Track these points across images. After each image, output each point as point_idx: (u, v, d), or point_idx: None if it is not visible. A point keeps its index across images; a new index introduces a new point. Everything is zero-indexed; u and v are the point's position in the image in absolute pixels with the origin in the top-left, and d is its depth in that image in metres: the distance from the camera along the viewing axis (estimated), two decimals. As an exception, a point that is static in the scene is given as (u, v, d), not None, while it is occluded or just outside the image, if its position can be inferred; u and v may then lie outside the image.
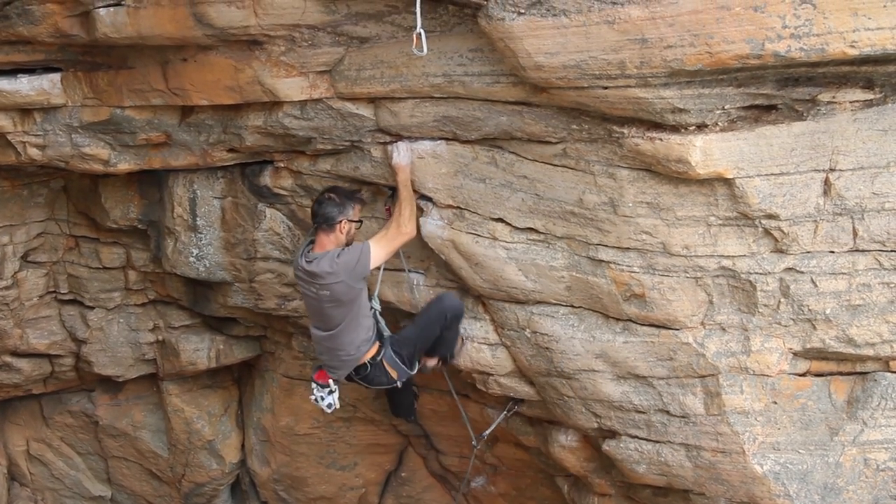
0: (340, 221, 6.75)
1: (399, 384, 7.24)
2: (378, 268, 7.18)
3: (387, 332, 7.22)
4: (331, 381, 7.21)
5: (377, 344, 7.07)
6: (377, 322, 7.18)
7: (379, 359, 7.06)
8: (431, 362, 7.42)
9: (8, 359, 9.86)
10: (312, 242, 6.91)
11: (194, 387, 10.45)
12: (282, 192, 7.84)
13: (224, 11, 6.37)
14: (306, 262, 6.79)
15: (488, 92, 6.27)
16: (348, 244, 6.85)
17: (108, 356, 9.91)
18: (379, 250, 6.74)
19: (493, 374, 7.38)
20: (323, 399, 7.27)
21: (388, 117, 6.80)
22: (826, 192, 5.90)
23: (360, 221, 7.02)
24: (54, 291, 9.72)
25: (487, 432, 8.11)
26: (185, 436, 10.60)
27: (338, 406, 7.34)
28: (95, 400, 10.76)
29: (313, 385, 7.30)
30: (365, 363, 7.04)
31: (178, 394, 10.42)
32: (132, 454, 11.03)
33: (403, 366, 7.11)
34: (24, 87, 7.30)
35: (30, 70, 7.33)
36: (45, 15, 6.60)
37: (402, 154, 6.87)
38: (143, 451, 10.94)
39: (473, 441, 8.26)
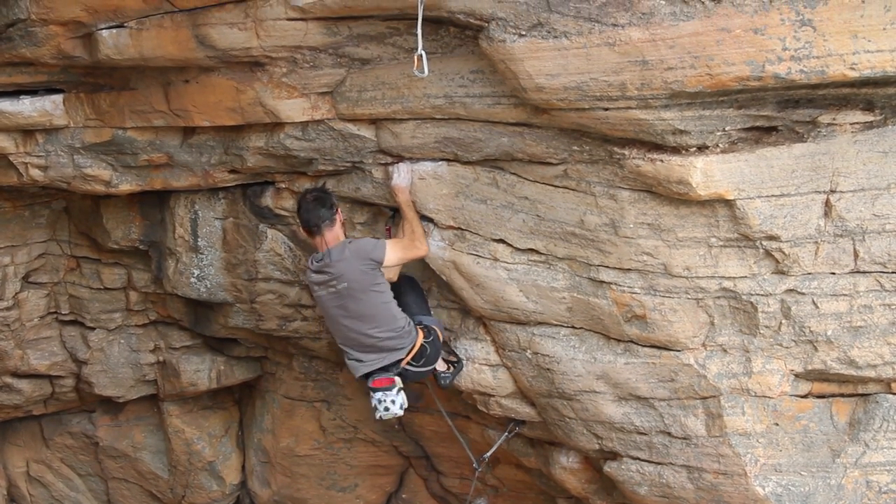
0: (336, 212, 6.73)
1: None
2: None
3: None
4: (396, 379, 6.89)
5: (420, 331, 6.97)
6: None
7: (432, 338, 6.98)
8: (443, 366, 7.34)
9: (8, 380, 9.84)
10: (316, 253, 6.84)
11: (195, 408, 10.43)
12: (283, 212, 7.84)
13: (226, 33, 6.40)
14: (316, 262, 6.72)
15: (489, 113, 6.28)
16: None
17: (108, 377, 9.89)
18: (395, 251, 6.69)
19: (494, 396, 7.37)
20: (394, 402, 6.88)
21: (389, 138, 6.82)
22: (827, 214, 5.90)
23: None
24: (55, 312, 9.72)
25: (488, 454, 8.08)
26: (185, 457, 10.57)
27: (407, 404, 6.99)
28: (96, 421, 10.74)
29: (376, 395, 6.90)
30: (422, 345, 6.91)
31: (179, 415, 10.40)
32: (132, 475, 11.00)
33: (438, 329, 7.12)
34: (27, 108, 7.31)
35: (32, 91, 7.35)
36: (47, 37, 6.62)
37: (402, 175, 6.87)
38: (143, 472, 10.91)
39: (475, 464, 8.22)
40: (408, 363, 6.89)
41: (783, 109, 5.60)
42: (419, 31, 5.70)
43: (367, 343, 6.81)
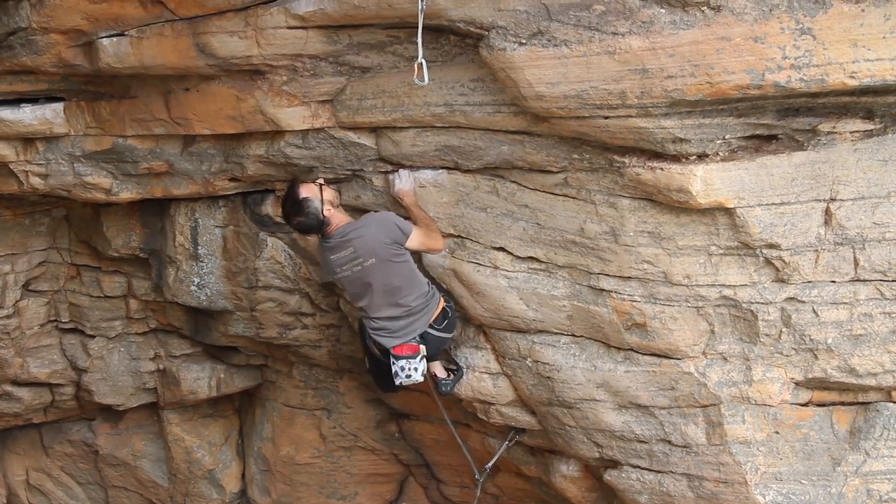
0: (322, 204, 6.62)
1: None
2: None
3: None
4: (420, 347, 6.87)
5: (441, 297, 6.98)
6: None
7: (450, 301, 7.03)
8: (442, 371, 7.37)
9: (8, 388, 9.83)
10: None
11: (195, 416, 10.42)
12: (283, 221, 7.84)
13: (226, 42, 6.41)
14: (329, 241, 6.71)
15: (489, 121, 6.29)
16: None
17: (108, 385, 9.89)
18: (418, 235, 6.64)
19: (494, 404, 7.37)
20: (416, 370, 6.89)
21: (389, 146, 6.82)
22: (827, 222, 5.90)
23: (328, 186, 6.90)
24: (55, 320, 9.71)
25: (490, 464, 8.08)
26: (185, 465, 10.56)
27: (427, 371, 7.04)
28: (96, 429, 10.72)
29: (399, 363, 6.90)
30: (444, 308, 6.94)
31: (179, 423, 10.39)
32: (132, 484, 10.98)
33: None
34: (27, 116, 7.32)
35: (33, 99, 7.36)
36: (48, 45, 6.63)
37: (403, 180, 6.88)
38: (143, 480, 10.89)
39: (477, 475, 8.21)
40: (430, 325, 6.90)
41: (783, 118, 5.61)
42: (419, 40, 5.71)
43: (399, 313, 6.80)
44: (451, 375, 7.32)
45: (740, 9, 5.16)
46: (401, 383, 7.00)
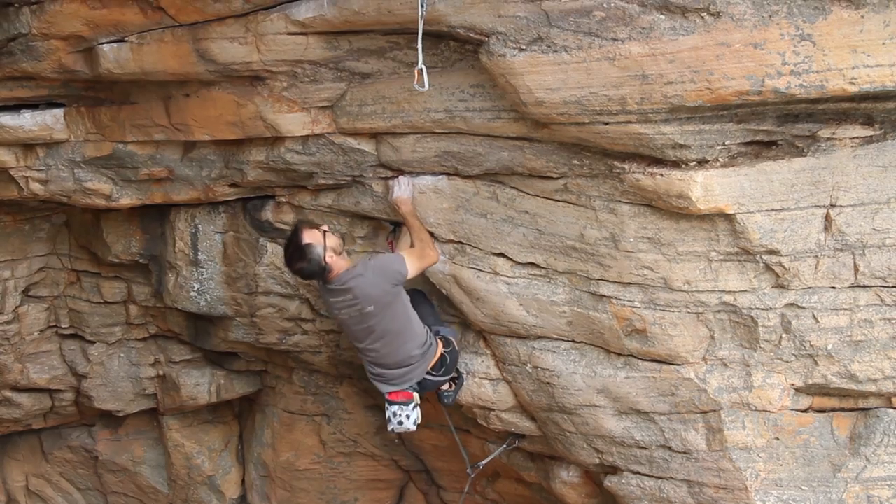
0: (324, 251, 6.54)
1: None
2: None
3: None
4: (415, 395, 6.93)
5: (440, 341, 6.98)
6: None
7: (451, 348, 7.01)
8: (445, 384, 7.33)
9: (8, 393, 9.84)
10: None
11: (195, 422, 10.42)
12: (283, 226, 7.84)
13: (227, 47, 6.41)
14: (328, 286, 6.68)
15: (490, 127, 6.29)
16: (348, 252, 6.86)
17: (108, 391, 9.89)
18: (412, 261, 6.64)
19: (494, 410, 7.37)
20: (409, 417, 6.95)
21: (389, 152, 6.82)
22: (827, 228, 5.90)
23: (332, 232, 6.83)
24: (55, 326, 9.72)
25: (483, 462, 8.03)
26: (185, 471, 10.56)
27: (420, 420, 7.04)
28: (95, 435, 10.74)
29: (392, 409, 6.98)
30: (443, 354, 6.94)
31: (179, 429, 10.39)
32: (132, 490, 10.98)
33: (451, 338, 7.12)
34: (28, 122, 7.32)
35: (33, 105, 7.36)
36: (48, 51, 6.63)
37: (403, 188, 6.88)
38: (142, 486, 10.90)
39: (468, 469, 8.14)
40: (428, 372, 6.93)
41: (783, 124, 5.61)
42: (420, 46, 5.70)
43: (396, 360, 6.83)
44: (453, 386, 7.31)
45: (740, 15, 5.16)
46: (392, 430, 7.07)
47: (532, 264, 6.68)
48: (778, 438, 6.42)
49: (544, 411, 7.06)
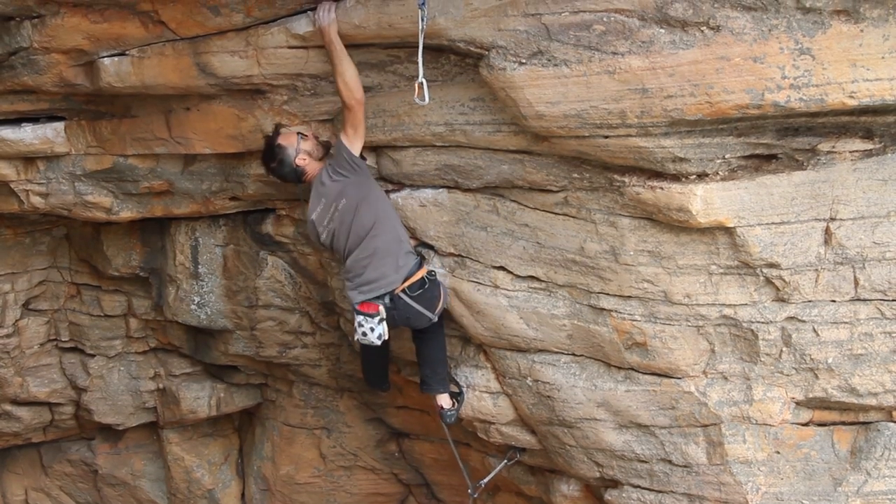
0: (297, 153, 6.53)
1: (436, 316, 6.85)
2: None
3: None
4: (381, 308, 6.67)
5: (424, 268, 6.75)
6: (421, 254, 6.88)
7: (434, 278, 6.77)
8: (447, 401, 7.27)
9: (8, 407, 9.83)
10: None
11: (194, 435, 10.41)
12: (283, 239, 7.85)
13: (227, 61, 6.42)
14: (311, 192, 6.63)
15: (490, 141, 6.30)
16: (327, 152, 6.72)
17: (108, 404, 9.88)
18: (349, 135, 6.36)
19: (494, 423, 7.35)
20: (373, 330, 6.67)
21: (390, 165, 6.83)
22: (827, 242, 5.90)
23: (311, 136, 6.72)
24: (55, 339, 9.71)
25: (485, 481, 8.02)
26: (184, 485, 10.54)
27: (387, 336, 6.76)
28: (95, 448, 10.72)
29: (358, 318, 6.71)
30: (423, 278, 6.69)
31: (179, 442, 10.38)
32: (131, 503, 10.96)
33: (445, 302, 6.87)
34: (28, 135, 7.33)
35: (34, 119, 7.36)
36: (49, 64, 6.64)
37: (322, 16, 6.15)
38: (142, 500, 10.87)
39: (470, 489, 8.16)
40: (403, 290, 6.66)
41: (783, 137, 5.61)
42: (420, 60, 5.72)
43: (367, 253, 6.60)
44: (455, 404, 7.29)
45: (739, 29, 5.18)
46: (357, 339, 6.84)
47: (532, 277, 6.68)
48: (778, 452, 6.41)
49: (545, 425, 7.05)
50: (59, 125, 7.39)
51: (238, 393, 9.94)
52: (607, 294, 6.39)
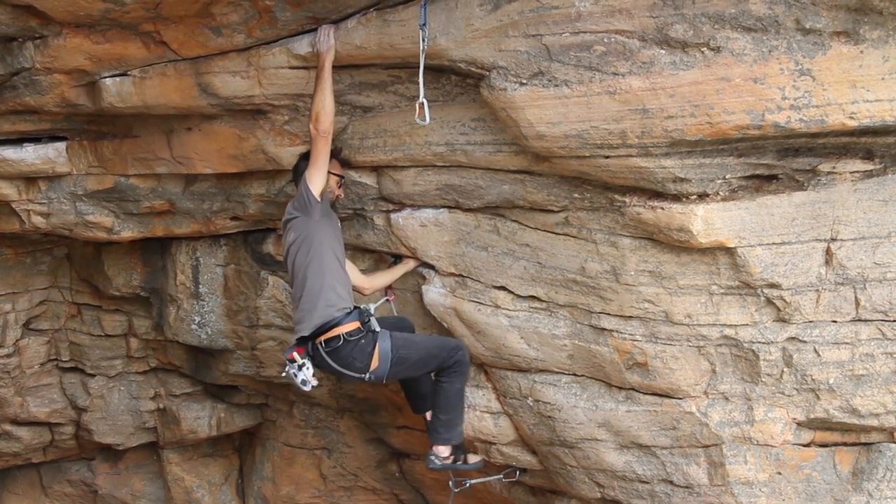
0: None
1: (369, 378, 6.52)
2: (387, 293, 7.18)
3: (378, 328, 6.60)
4: (296, 356, 6.40)
5: (356, 324, 6.46)
6: (365, 313, 6.57)
7: (358, 339, 6.42)
8: (444, 451, 7.06)
9: (8, 427, 9.82)
10: None
11: (195, 455, 10.40)
12: (284, 259, 7.86)
13: (229, 81, 6.44)
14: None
15: (490, 161, 6.30)
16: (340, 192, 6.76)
17: (108, 424, 9.88)
18: (311, 172, 6.28)
19: (495, 443, 7.34)
20: (296, 376, 6.42)
21: (390, 185, 6.84)
22: (828, 262, 5.89)
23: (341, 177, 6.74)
24: (55, 359, 9.72)
25: (472, 481, 7.84)
26: (184, 505, 10.53)
27: (315, 384, 6.51)
28: (95, 469, 10.71)
29: (287, 365, 6.50)
30: (339, 335, 6.38)
31: (179, 462, 10.37)
32: (131, 523, 10.95)
33: (392, 366, 6.52)
34: (30, 155, 7.35)
35: (35, 139, 7.38)
36: (51, 85, 6.66)
37: (322, 40, 6.15)
38: (142, 520, 10.86)
39: (451, 483, 7.83)
40: (321, 341, 6.45)
41: (783, 158, 5.62)
42: (421, 80, 5.73)
43: (300, 294, 6.48)
44: (451, 458, 7.08)
45: (740, 50, 5.18)
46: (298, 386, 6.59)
47: (533, 297, 6.67)
48: (780, 473, 6.39)
49: (545, 445, 7.04)
50: (61, 145, 7.42)
51: (238, 413, 9.93)
52: (608, 314, 6.39)
